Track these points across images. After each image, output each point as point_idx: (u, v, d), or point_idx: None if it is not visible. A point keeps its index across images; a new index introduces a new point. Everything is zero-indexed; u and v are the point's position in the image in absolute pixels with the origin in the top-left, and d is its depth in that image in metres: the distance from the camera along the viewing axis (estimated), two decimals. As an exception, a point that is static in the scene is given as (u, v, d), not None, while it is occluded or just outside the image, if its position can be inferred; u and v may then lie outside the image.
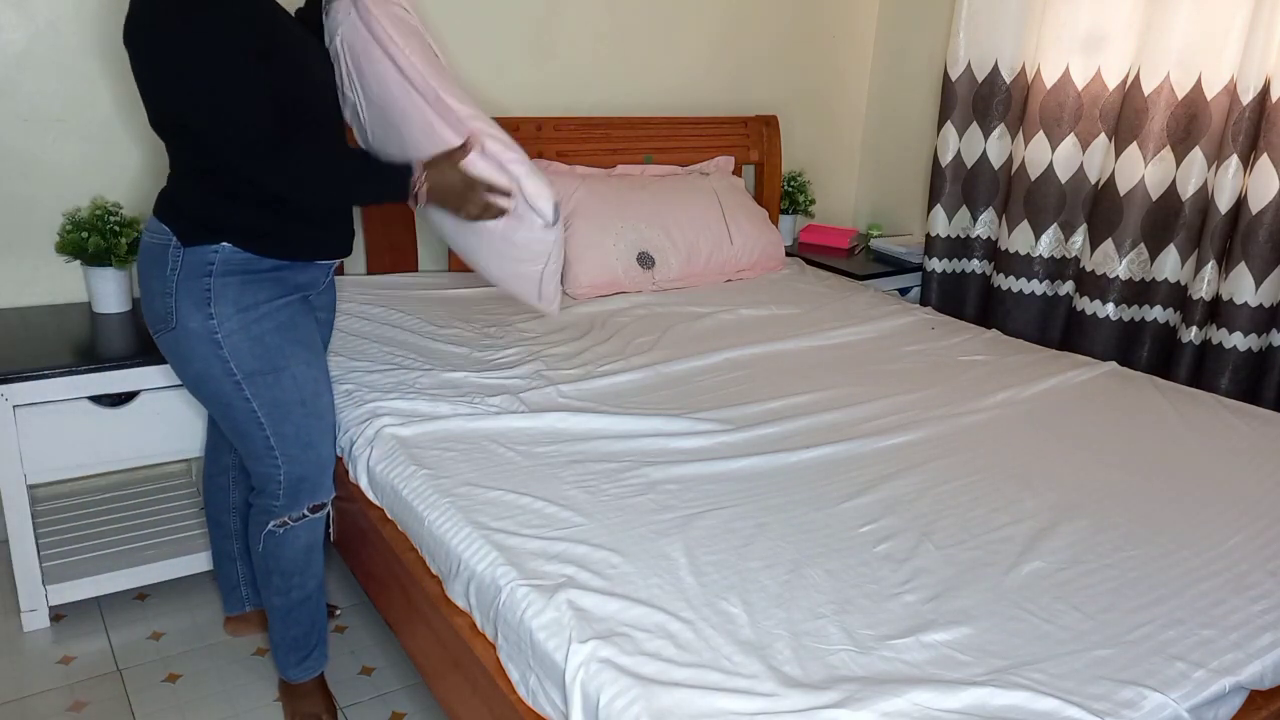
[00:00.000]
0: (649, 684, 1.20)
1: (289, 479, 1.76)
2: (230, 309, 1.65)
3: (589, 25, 3.04)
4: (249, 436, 1.73)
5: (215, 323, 1.64)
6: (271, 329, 1.69)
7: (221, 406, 1.72)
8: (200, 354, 1.66)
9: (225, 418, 1.74)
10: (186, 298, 1.64)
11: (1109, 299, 2.90)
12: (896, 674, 1.25)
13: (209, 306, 1.64)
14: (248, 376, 1.67)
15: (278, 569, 1.83)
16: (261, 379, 1.68)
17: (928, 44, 3.49)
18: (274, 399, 1.70)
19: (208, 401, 1.74)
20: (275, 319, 1.70)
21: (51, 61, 2.28)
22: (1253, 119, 2.54)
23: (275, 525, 1.79)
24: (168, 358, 1.74)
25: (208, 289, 1.64)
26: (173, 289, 1.64)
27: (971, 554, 1.54)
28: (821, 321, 2.64)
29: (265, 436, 1.73)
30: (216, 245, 1.64)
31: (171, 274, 1.64)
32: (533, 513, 1.60)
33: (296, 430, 1.74)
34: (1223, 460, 1.92)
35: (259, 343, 1.67)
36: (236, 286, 1.66)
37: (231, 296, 1.65)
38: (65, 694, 1.98)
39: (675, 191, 2.98)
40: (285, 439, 1.74)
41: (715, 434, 1.92)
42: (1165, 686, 1.24)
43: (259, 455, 1.75)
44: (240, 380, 1.67)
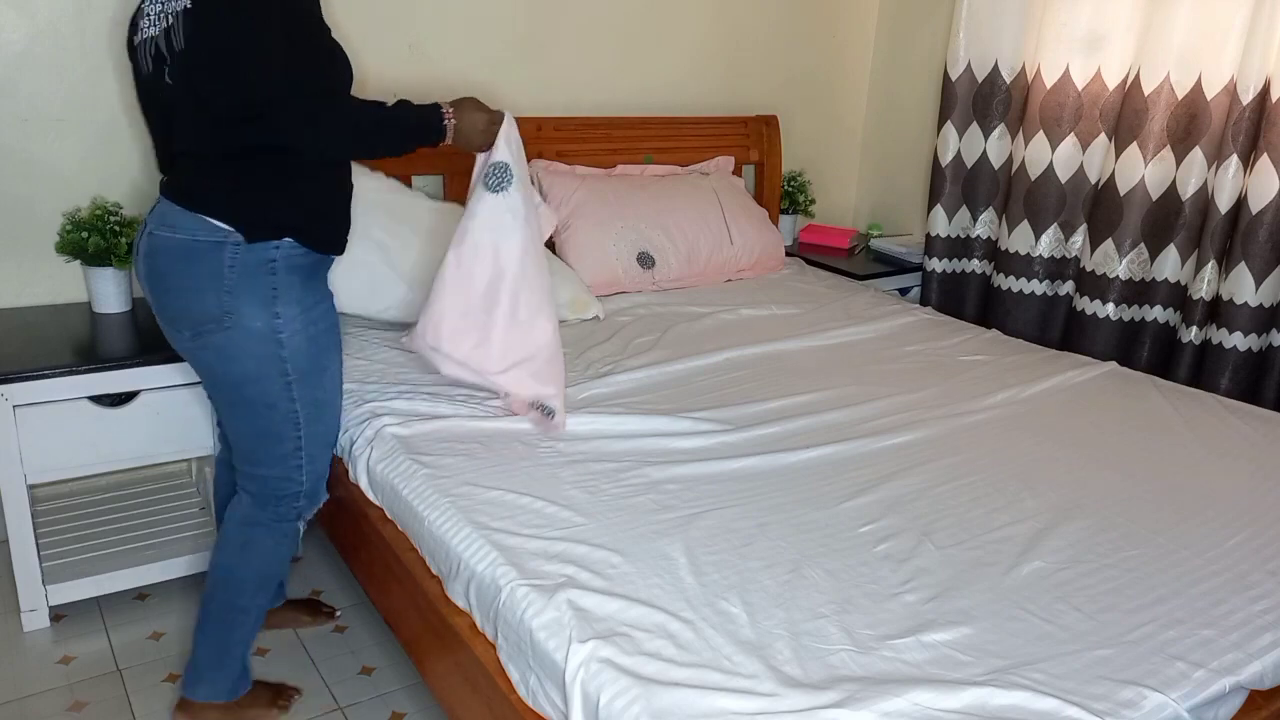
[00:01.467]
0: (649, 684, 1.20)
1: (311, 478, 1.78)
2: (296, 308, 1.64)
3: (589, 25, 3.04)
4: (280, 439, 1.71)
5: (281, 321, 1.63)
6: (325, 328, 1.71)
7: (263, 407, 1.68)
8: (256, 353, 1.63)
9: (261, 418, 1.69)
10: (249, 296, 1.60)
11: (1109, 299, 2.90)
12: (896, 674, 1.25)
13: (275, 305, 1.62)
14: (300, 377, 1.67)
15: (272, 573, 1.85)
16: (310, 379, 1.69)
17: (928, 44, 3.49)
18: (315, 399, 1.71)
19: (249, 402, 1.69)
20: (329, 318, 1.72)
21: (51, 61, 2.28)
22: (1253, 119, 2.54)
23: (302, 522, 1.82)
24: (209, 357, 1.67)
25: (274, 287, 1.62)
26: (231, 286, 1.60)
27: (971, 554, 1.54)
28: (821, 321, 2.64)
29: (298, 437, 1.72)
30: (279, 241, 1.62)
31: (230, 271, 1.59)
32: (533, 512, 1.60)
33: (324, 430, 1.76)
34: (1223, 460, 1.92)
35: (315, 342, 1.68)
36: (300, 285, 1.65)
37: (296, 295, 1.64)
38: (65, 694, 1.98)
39: (675, 191, 2.98)
40: (314, 439, 1.74)
41: (715, 434, 1.92)
42: (1165, 686, 1.24)
43: (283, 457, 1.73)
44: (292, 381, 1.67)
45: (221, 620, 1.83)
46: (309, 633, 2.20)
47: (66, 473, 2.19)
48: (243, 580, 1.82)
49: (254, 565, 1.82)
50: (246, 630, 1.85)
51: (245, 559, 1.81)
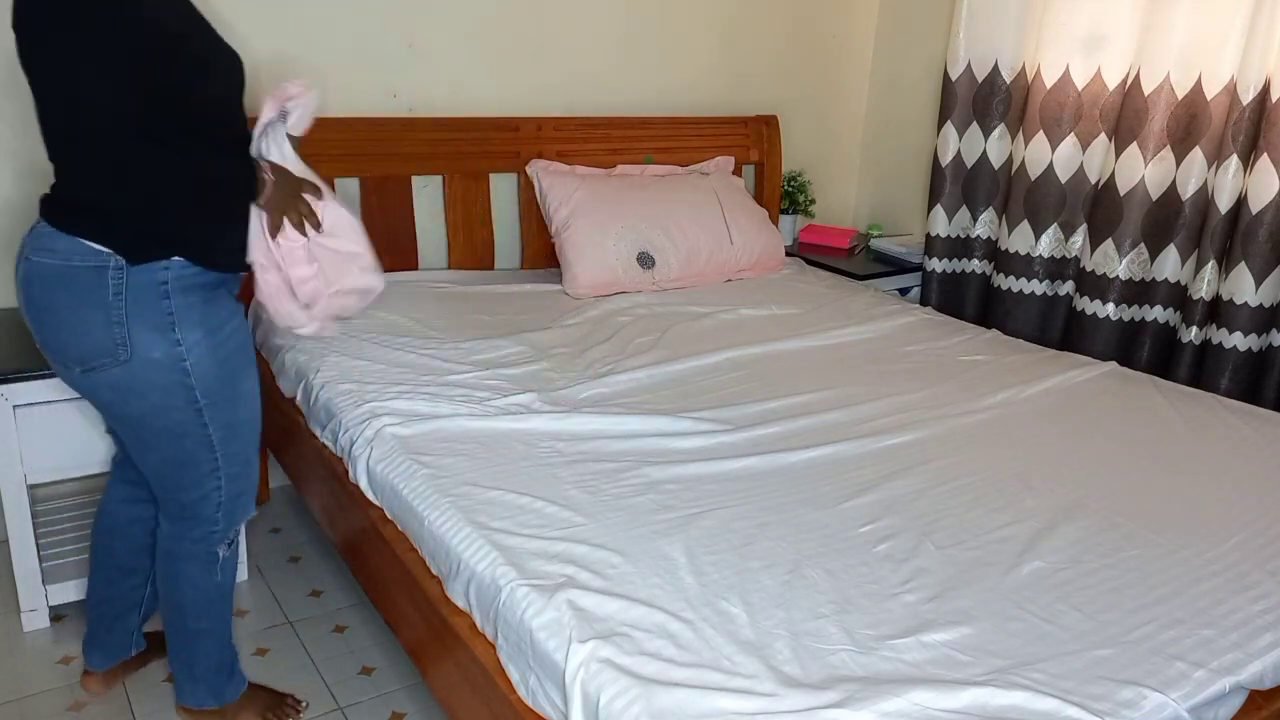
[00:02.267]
0: (649, 684, 1.20)
1: (229, 497, 1.69)
2: (198, 332, 1.53)
3: (589, 25, 3.04)
4: (195, 463, 1.62)
5: (184, 349, 1.51)
6: (235, 348, 1.60)
7: (173, 438, 1.58)
8: (160, 385, 1.52)
9: (173, 448, 1.60)
10: (143, 324, 1.48)
11: (1109, 299, 2.90)
12: (896, 674, 1.25)
13: (174, 331, 1.50)
14: (212, 402, 1.57)
15: (220, 595, 1.79)
16: (223, 404, 1.60)
17: (928, 44, 3.49)
18: (228, 421, 1.62)
19: (156, 433, 1.58)
20: (237, 339, 1.61)
21: (51, 61, 2.27)
22: (1253, 119, 2.54)
23: (226, 552, 1.76)
24: (105, 394, 1.55)
25: (169, 312, 1.49)
26: (122, 317, 1.46)
27: (971, 554, 1.54)
28: (821, 321, 2.64)
29: (214, 459, 1.63)
30: (168, 261, 1.49)
31: (116, 299, 1.45)
32: (533, 513, 1.60)
33: (242, 448, 1.68)
34: (1223, 460, 1.92)
35: (225, 364, 1.58)
36: (200, 307, 1.53)
37: (197, 318, 1.53)
38: (65, 694, 1.98)
39: (675, 191, 2.98)
40: (232, 458, 1.66)
41: (715, 434, 1.92)
42: (1165, 686, 1.24)
43: (198, 481, 1.65)
44: (203, 407, 1.57)
45: (180, 642, 1.82)
46: (309, 633, 2.20)
47: (66, 473, 2.19)
48: (183, 608, 1.78)
49: (188, 594, 1.76)
50: (209, 648, 1.82)
51: (179, 589, 1.76)
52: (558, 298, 2.72)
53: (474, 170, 2.85)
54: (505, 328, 2.44)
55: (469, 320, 2.47)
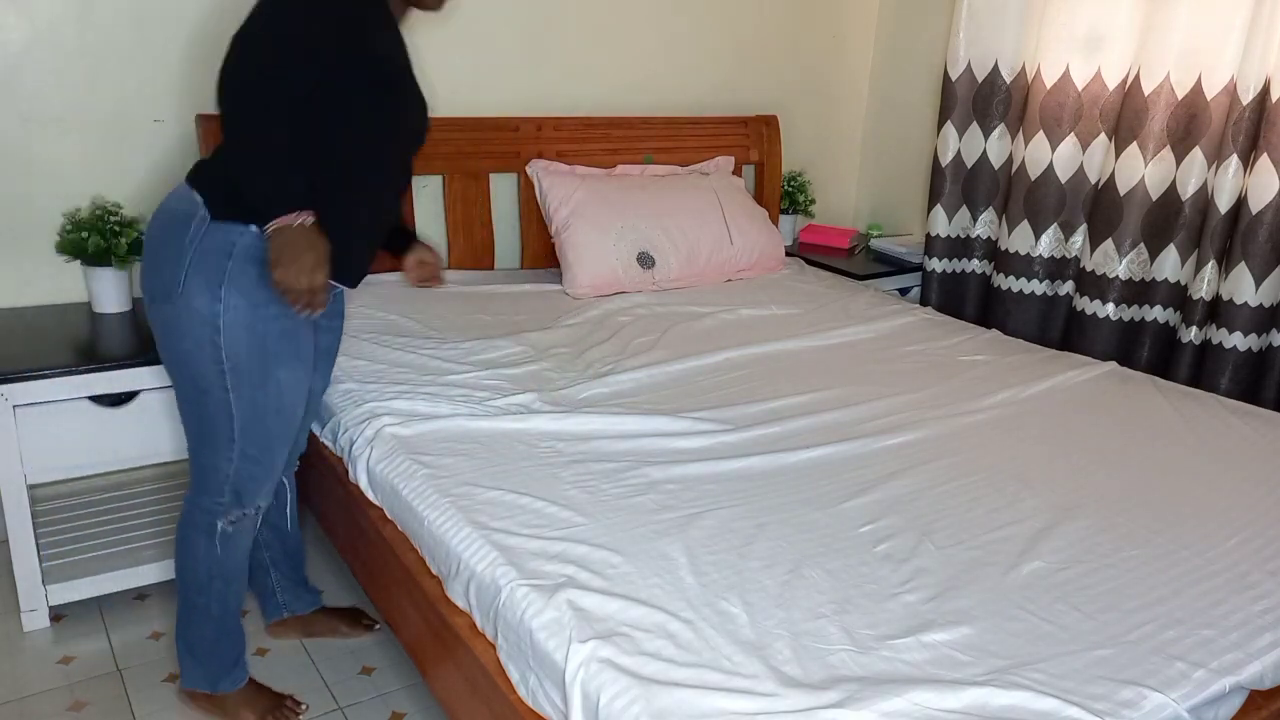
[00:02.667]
0: (649, 684, 1.20)
1: (240, 477, 1.72)
2: (241, 300, 1.59)
3: (589, 25, 3.04)
4: (214, 427, 1.67)
5: (221, 307, 1.58)
6: (276, 333, 1.64)
7: (198, 391, 1.65)
8: (193, 333, 1.60)
9: (196, 403, 1.67)
10: (199, 273, 1.58)
11: (1109, 299, 2.90)
12: (896, 674, 1.25)
13: (220, 289, 1.58)
14: (234, 369, 1.62)
15: (221, 573, 1.79)
16: (250, 377, 1.63)
17: (928, 44, 3.49)
18: (255, 400, 1.66)
19: (186, 383, 1.67)
20: (281, 324, 1.64)
21: (51, 61, 2.28)
22: (1253, 119, 2.54)
23: (227, 524, 1.75)
24: (158, 329, 1.67)
25: (224, 270, 1.58)
26: (187, 260, 1.58)
27: (971, 554, 1.54)
28: (821, 321, 2.65)
29: (231, 430, 1.67)
30: (244, 227, 1.58)
31: (190, 245, 1.58)
32: (533, 513, 1.60)
33: (265, 435, 1.70)
34: (1223, 460, 1.92)
35: (259, 341, 1.62)
36: (254, 278, 1.59)
37: (246, 287, 1.59)
38: (65, 694, 1.98)
39: (675, 191, 2.98)
40: (250, 439, 1.69)
41: (715, 434, 1.92)
42: (1165, 686, 1.24)
43: (216, 448, 1.69)
44: (227, 370, 1.62)
45: (183, 613, 1.84)
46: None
47: (66, 473, 2.19)
48: (185, 577, 1.80)
49: (189, 564, 1.78)
50: (208, 628, 1.82)
51: (183, 556, 1.79)
52: (558, 298, 2.72)
53: (474, 170, 2.85)
54: (505, 328, 2.44)
55: (469, 320, 2.47)
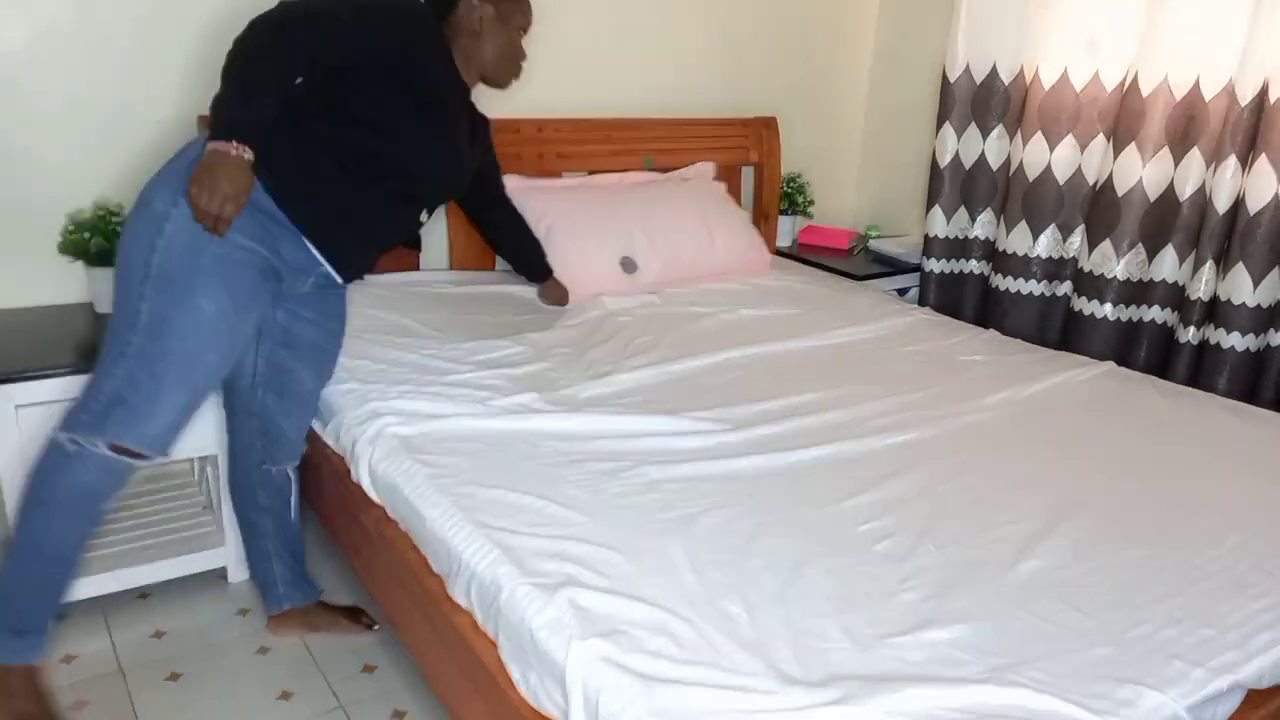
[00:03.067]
0: (649, 682, 1.20)
1: (113, 395, 1.61)
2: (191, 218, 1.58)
3: (589, 26, 3.05)
4: (114, 339, 1.63)
5: (174, 211, 1.59)
6: (216, 257, 1.61)
7: (118, 296, 1.65)
8: (139, 234, 1.61)
9: (115, 310, 1.67)
10: (167, 180, 1.63)
11: (1107, 299, 2.90)
12: (896, 672, 1.25)
13: (179, 194, 1.59)
14: (159, 278, 1.60)
15: (39, 497, 1.62)
16: (169, 290, 1.59)
17: (927, 45, 3.50)
18: (164, 315, 1.60)
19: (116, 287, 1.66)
20: (227, 250, 1.61)
21: (52, 61, 2.28)
22: (1251, 120, 2.55)
23: (70, 441, 1.60)
24: (123, 240, 1.68)
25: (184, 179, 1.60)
26: (173, 173, 1.63)
27: (971, 553, 1.55)
28: (821, 322, 2.65)
29: (126, 343, 1.60)
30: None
31: (179, 159, 1.65)
32: (534, 512, 1.60)
33: (162, 357, 1.61)
34: (1221, 460, 1.92)
35: (194, 255, 1.59)
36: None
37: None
38: (67, 693, 1.98)
39: (655, 198, 2.96)
40: (144, 360, 1.60)
41: (716, 433, 1.92)
42: (1164, 685, 1.25)
43: (106, 363, 1.63)
44: (149, 278, 1.60)
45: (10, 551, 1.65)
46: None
47: (68, 472, 2.18)
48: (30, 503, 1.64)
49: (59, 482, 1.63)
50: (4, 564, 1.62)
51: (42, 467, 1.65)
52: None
53: (474, 171, 2.85)
54: (506, 328, 2.44)
55: (470, 320, 2.47)
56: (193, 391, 1.68)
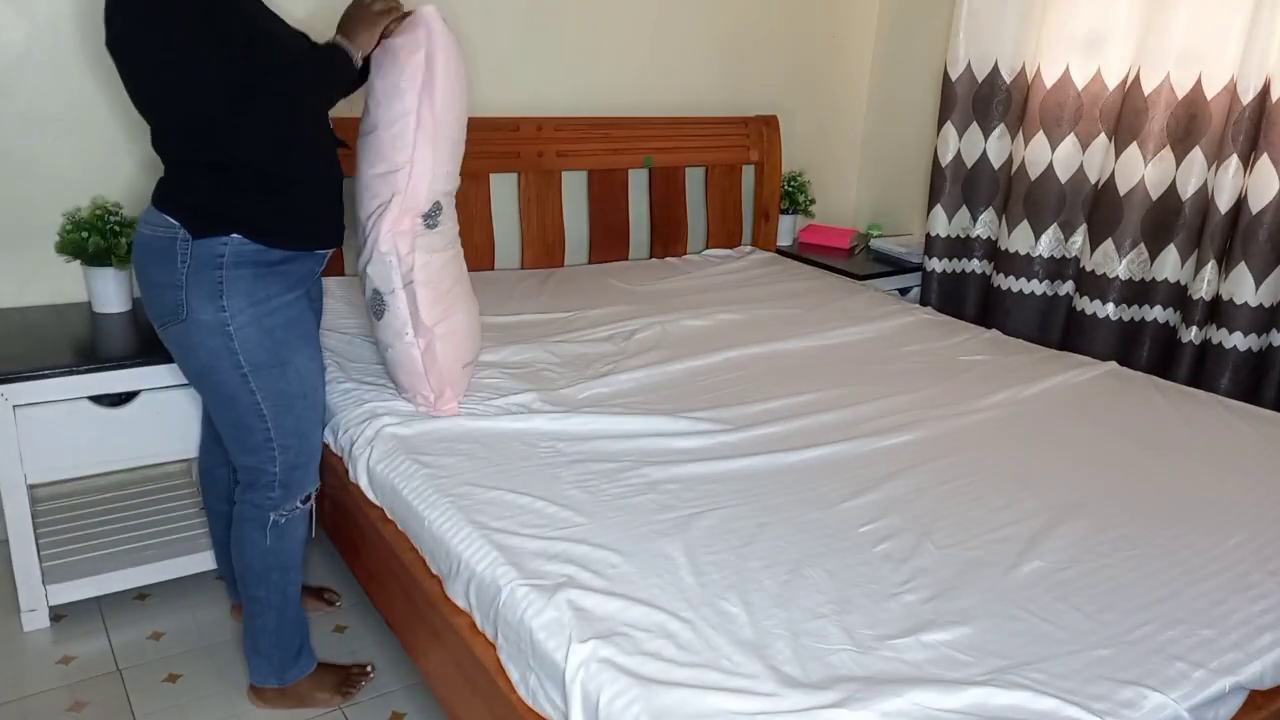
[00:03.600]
0: (649, 684, 1.20)
1: (284, 469, 1.78)
2: (243, 302, 1.66)
3: (590, 25, 3.04)
4: (248, 429, 1.74)
5: (228, 315, 1.65)
6: (282, 323, 1.71)
7: (224, 399, 1.72)
8: (209, 346, 1.67)
9: (227, 409, 1.74)
10: (198, 290, 1.64)
11: (1109, 299, 2.90)
12: (896, 674, 1.25)
13: (221, 299, 1.64)
14: (255, 369, 1.69)
15: (278, 564, 1.84)
16: (268, 371, 1.70)
17: (928, 44, 3.49)
18: (278, 391, 1.72)
19: (212, 393, 1.74)
20: (285, 314, 1.72)
21: (51, 61, 2.28)
22: (1253, 119, 2.54)
23: (278, 516, 1.81)
24: (173, 350, 1.74)
25: (220, 281, 1.64)
26: (183, 281, 1.64)
27: (971, 554, 1.54)
28: (821, 321, 2.64)
29: (266, 429, 1.74)
30: (226, 237, 1.64)
31: (182, 266, 1.63)
32: (533, 512, 1.60)
33: (296, 422, 1.76)
34: (1223, 460, 1.92)
35: (269, 336, 1.69)
36: (249, 279, 1.66)
37: (244, 289, 1.66)
38: (65, 694, 1.98)
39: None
40: (284, 431, 1.75)
41: (715, 434, 1.92)
42: (1165, 686, 1.24)
43: (255, 448, 1.75)
44: (247, 373, 1.68)
45: (246, 608, 1.89)
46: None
47: (66, 473, 2.18)
48: (244, 572, 1.86)
49: (246, 558, 1.84)
50: (266, 620, 1.88)
51: (240, 551, 1.85)
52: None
53: (474, 170, 2.84)
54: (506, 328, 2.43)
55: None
56: (323, 420, 1.90)
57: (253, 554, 1.83)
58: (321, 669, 1.99)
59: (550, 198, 3.01)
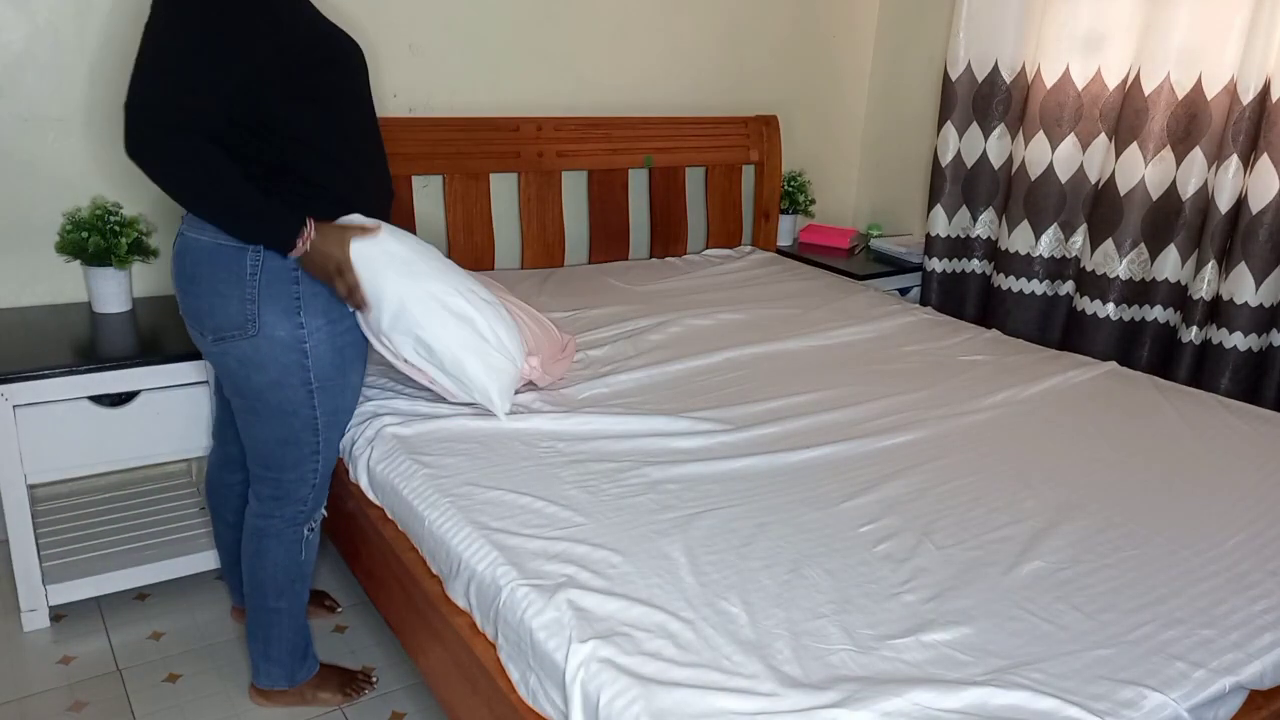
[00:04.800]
0: (649, 684, 1.20)
1: (322, 480, 1.80)
2: (321, 319, 1.65)
3: (590, 25, 3.04)
4: (300, 444, 1.73)
5: (305, 332, 1.63)
6: (351, 342, 1.73)
7: (284, 414, 1.68)
8: (281, 361, 1.63)
9: (281, 425, 1.70)
10: (272, 304, 1.60)
11: (1109, 299, 2.90)
12: (896, 674, 1.25)
13: (299, 315, 1.62)
14: (322, 386, 1.69)
15: (301, 575, 1.87)
16: (333, 389, 1.71)
17: (928, 44, 3.49)
18: (336, 407, 1.74)
19: (271, 409, 1.68)
20: (355, 332, 1.74)
21: (51, 61, 2.28)
22: (1253, 119, 2.54)
23: (308, 529, 1.84)
24: (234, 364, 1.65)
25: (297, 297, 1.61)
26: (255, 295, 1.58)
27: (971, 554, 1.54)
28: (821, 321, 2.64)
29: (315, 443, 1.74)
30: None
31: (252, 279, 1.58)
32: (533, 512, 1.60)
33: (339, 435, 1.80)
34: (1223, 460, 1.92)
35: (340, 354, 1.69)
36: (327, 296, 1.65)
37: (322, 307, 1.65)
38: (65, 694, 1.98)
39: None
40: (330, 444, 1.77)
41: (715, 434, 1.92)
42: (1165, 686, 1.24)
43: (299, 461, 1.74)
44: (315, 389, 1.68)
45: (258, 620, 1.89)
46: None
47: (66, 473, 2.19)
48: (263, 584, 1.85)
49: (268, 571, 1.83)
50: (283, 629, 1.89)
51: (261, 565, 1.84)
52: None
53: (474, 170, 2.85)
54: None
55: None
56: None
57: (276, 569, 1.83)
58: (325, 669, 1.99)
59: (550, 198, 3.01)
